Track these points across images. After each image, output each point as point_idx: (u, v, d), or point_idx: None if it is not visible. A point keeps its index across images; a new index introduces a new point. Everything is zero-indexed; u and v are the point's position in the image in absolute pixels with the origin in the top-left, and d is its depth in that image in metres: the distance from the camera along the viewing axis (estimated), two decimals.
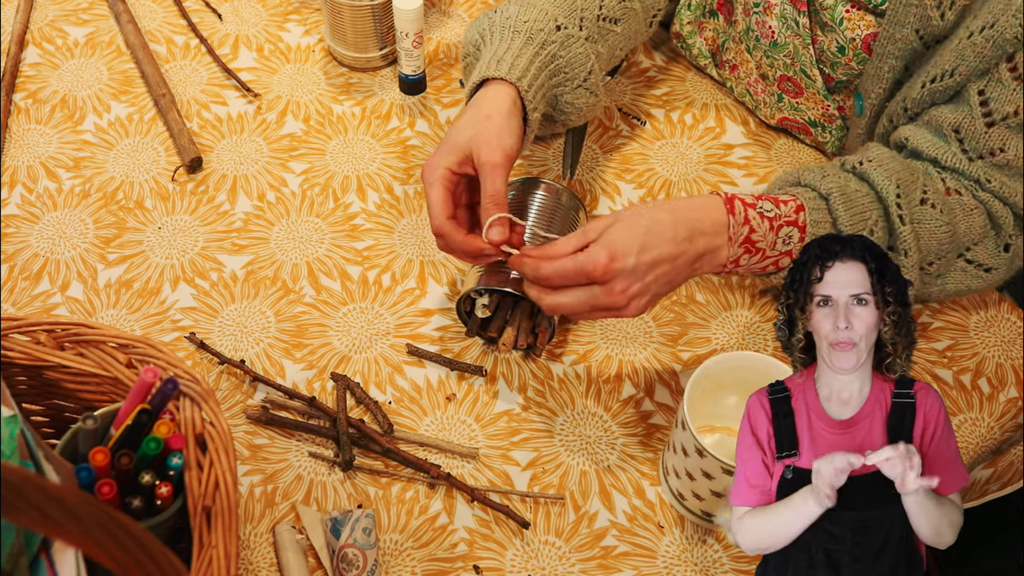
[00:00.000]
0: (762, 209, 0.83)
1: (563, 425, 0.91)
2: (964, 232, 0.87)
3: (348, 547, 0.80)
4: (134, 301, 0.97)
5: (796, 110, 1.07)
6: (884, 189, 0.85)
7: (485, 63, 0.91)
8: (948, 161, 0.88)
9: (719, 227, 0.81)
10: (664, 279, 0.80)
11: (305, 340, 0.96)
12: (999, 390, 0.95)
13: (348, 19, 1.12)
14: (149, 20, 1.22)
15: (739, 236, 0.82)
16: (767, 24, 1.01)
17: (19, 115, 1.12)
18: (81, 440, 0.66)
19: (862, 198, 0.84)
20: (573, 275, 0.78)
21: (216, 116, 1.13)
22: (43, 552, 0.61)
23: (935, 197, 0.86)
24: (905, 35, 0.89)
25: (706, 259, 0.82)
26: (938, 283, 0.90)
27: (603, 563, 0.84)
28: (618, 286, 0.78)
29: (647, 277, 0.79)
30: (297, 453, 0.89)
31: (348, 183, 1.07)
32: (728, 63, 1.12)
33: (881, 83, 0.94)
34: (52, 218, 1.04)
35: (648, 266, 0.79)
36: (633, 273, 0.78)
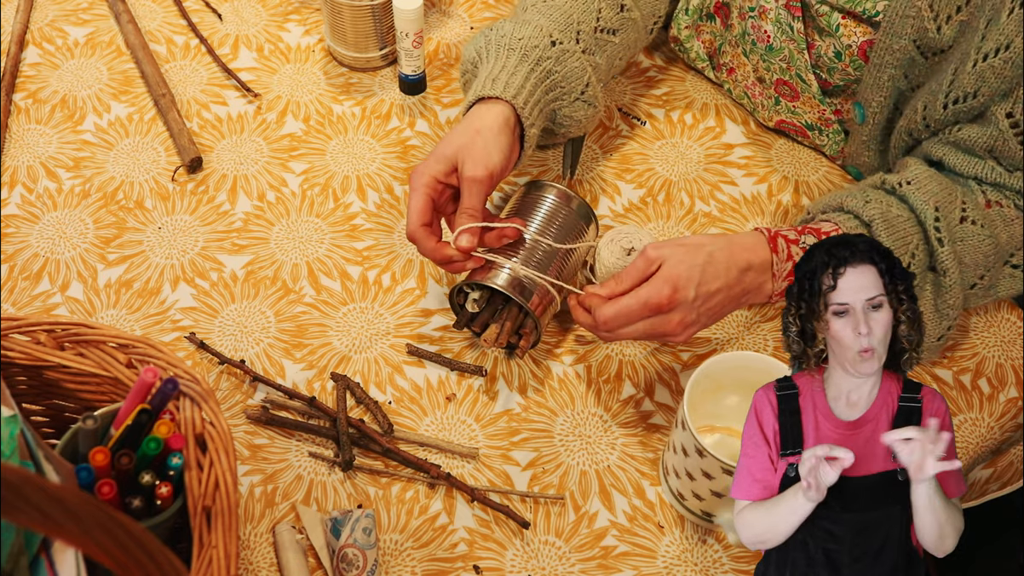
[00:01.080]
0: (805, 244, 0.86)
1: (563, 425, 0.91)
2: (1007, 241, 0.89)
3: (348, 547, 0.80)
4: (134, 301, 0.97)
5: (793, 113, 1.07)
6: (923, 212, 0.86)
7: (481, 82, 0.92)
8: (988, 176, 0.89)
9: (765, 265, 0.85)
10: (715, 310, 0.85)
11: (305, 340, 0.96)
12: (999, 390, 0.95)
13: (348, 19, 1.12)
14: (149, 20, 1.22)
15: (783, 272, 0.86)
16: (763, 28, 1.01)
17: (19, 115, 1.12)
18: (81, 440, 0.66)
19: (903, 223, 0.86)
20: (638, 313, 0.82)
21: (216, 116, 1.13)
22: (43, 552, 0.61)
23: (975, 213, 0.87)
24: (903, 46, 0.89)
25: (752, 294, 0.86)
26: (991, 293, 0.93)
27: (603, 563, 0.84)
28: (676, 317, 0.82)
29: (701, 308, 0.83)
30: (297, 453, 0.89)
31: (348, 183, 1.07)
32: (725, 66, 1.12)
33: (881, 92, 0.94)
34: (52, 218, 1.04)
35: (704, 298, 0.83)
36: (691, 305, 0.82)
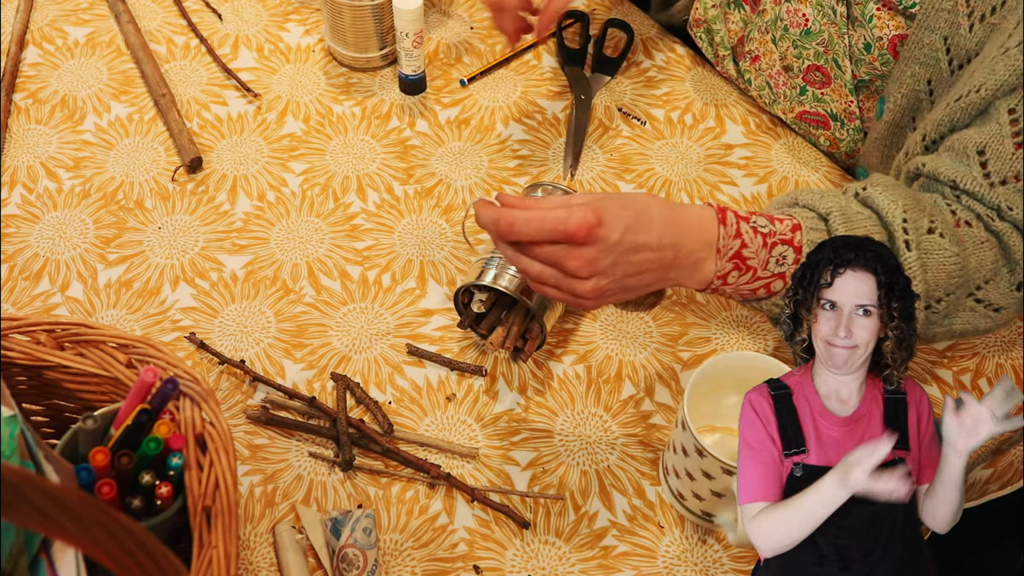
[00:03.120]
0: (756, 224, 0.79)
1: (563, 425, 0.91)
2: (975, 267, 0.81)
3: (348, 547, 0.80)
4: (134, 301, 0.97)
5: (819, 101, 1.06)
6: (890, 213, 0.80)
7: None
8: (968, 184, 0.82)
9: (709, 240, 0.77)
10: (635, 272, 0.75)
11: (305, 340, 0.96)
12: None
13: (348, 19, 1.12)
14: (149, 20, 1.22)
15: (729, 250, 0.77)
16: (800, 12, 1.01)
17: (19, 115, 1.12)
18: (81, 440, 0.66)
19: (864, 220, 0.80)
20: (549, 229, 0.72)
21: (216, 116, 1.13)
22: (43, 552, 0.61)
23: (943, 227, 0.80)
24: (932, 41, 0.88)
25: (688, 270, 0.78)
26: (944, 323, 0.84)
27: (603, 563, 0.84)
28: (589, 254, 0.72)
29: (620, 260, 0.74)
30: (297, 453, 0.89)
31: (348, 183, 1.07)
32: (750, 54, 1.11)
33: (902, 87, 0.93)
34: (52, 218, 1.04)
35: (628, 248, 0.74)
36: (611, 249, 0.73)
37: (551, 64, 1.21)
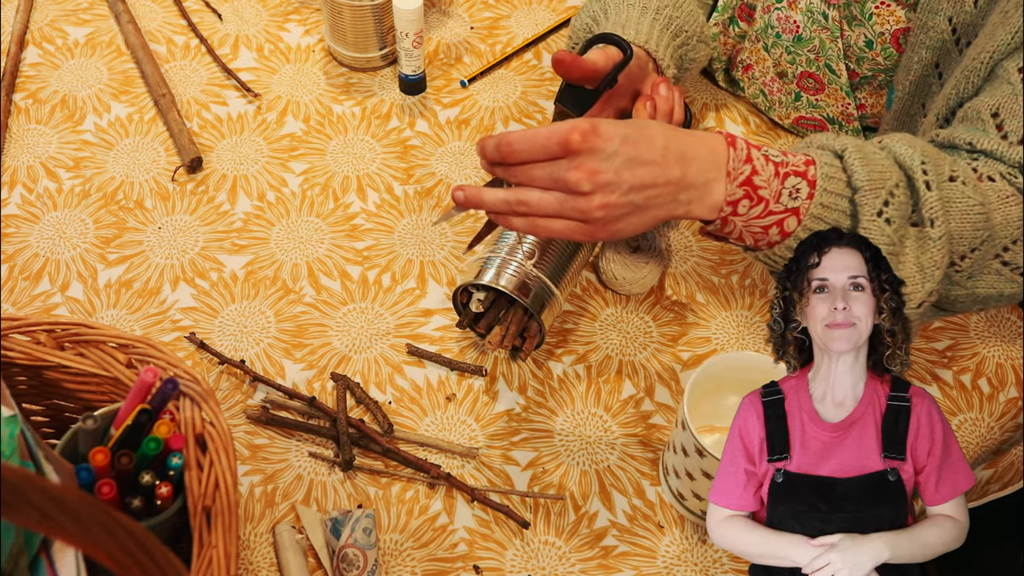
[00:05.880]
0: (768, 152, 0.73)
1: (563, 425, 0.91)
2: (1001, 223, 0.75)
3: (348, 547, 0.80)
4: (134, 301, 0.97)
5: (815, 107, 1.06)
6: (908, 157, 0.74)
7: (609, 29, 0.95)
8: (985, 145, 0.78)
9: (717, 158, 0.72)
10: (639, 186, 0.69)
11: (305, 340, 0.96)
12: (999, 390, 0.95)
13: (348, 19, 1.12)
14: (149, 20, 1.22)
15: (739, 175, 0.71)
16: (791, 19, 1.01)
17: (19, 115, 1.12)
18: (81, 440, 0.66)
19: (881, 159, 0.74)
20: (543, 143, 0.68)
21: (216, 116, 1.13)
22: (43, 552, 0.61)
23: (966, 177, 0.75)
24: (937, 23, 0.88)
25: (698, 193, 0.72)
26: (967, 285, 0.78)
27: (603, 563, 0.84)
28: (589, 163, 0.67)
29: (623, 173, 0.68)
30: (297, 453, 0.89)
31: (348, 183, 1.07)
32: (742, 63, 1.11)
33: (909, 75, 0.93)
34: (52, 218, 1.04)
35: (628, 162, 0.69)
36: (611, 158, 0.68)
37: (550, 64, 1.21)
